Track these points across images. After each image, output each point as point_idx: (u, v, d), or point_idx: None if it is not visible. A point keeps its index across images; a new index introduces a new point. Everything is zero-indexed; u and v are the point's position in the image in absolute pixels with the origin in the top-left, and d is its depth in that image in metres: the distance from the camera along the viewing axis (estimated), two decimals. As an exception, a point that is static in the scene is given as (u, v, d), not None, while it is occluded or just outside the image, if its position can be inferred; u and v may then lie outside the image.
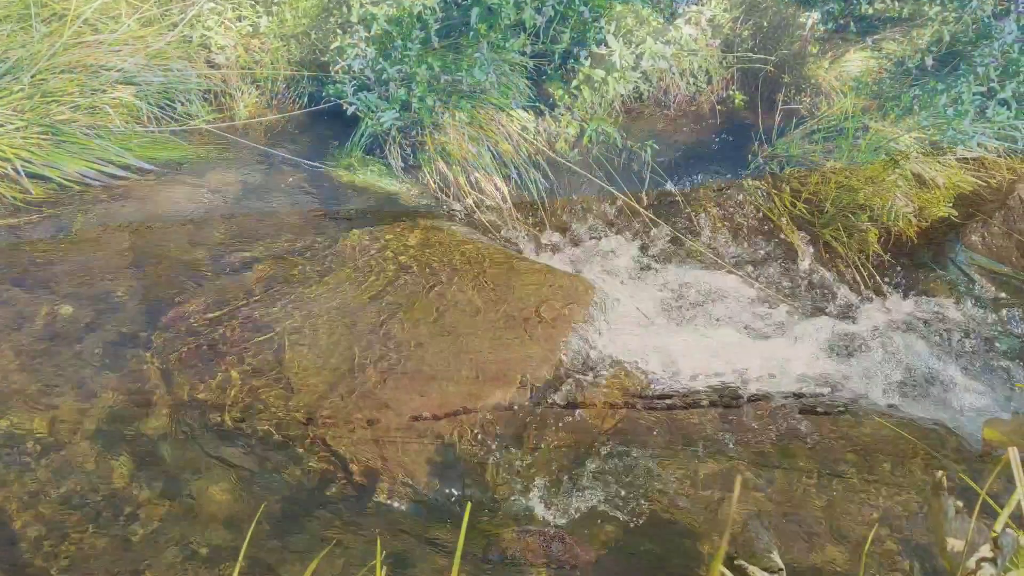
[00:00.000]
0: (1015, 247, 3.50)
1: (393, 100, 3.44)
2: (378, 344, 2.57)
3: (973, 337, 3.20)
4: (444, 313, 2.73)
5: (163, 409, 2.35)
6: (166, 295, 2.71)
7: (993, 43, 3.58)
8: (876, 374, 2.92)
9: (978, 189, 3.70)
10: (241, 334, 2.56)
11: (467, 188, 3.50)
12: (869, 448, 2.45)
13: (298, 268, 2.87)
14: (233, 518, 2.06)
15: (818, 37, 3.89)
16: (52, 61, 3.19)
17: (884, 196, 3.45)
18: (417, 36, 3.36)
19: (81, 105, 3.19)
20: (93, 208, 3.05)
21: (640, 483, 2.29)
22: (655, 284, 3.38)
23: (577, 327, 2.80)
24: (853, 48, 3.97)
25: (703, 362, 2.84)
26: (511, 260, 3.09)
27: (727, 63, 4.09)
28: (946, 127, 3.58)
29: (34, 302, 2.61)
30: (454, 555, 1.10)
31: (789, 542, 2.09)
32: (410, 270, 2.90)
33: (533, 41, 3.66)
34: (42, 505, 2.04)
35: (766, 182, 3.65)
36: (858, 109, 3.63)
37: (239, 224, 3.10)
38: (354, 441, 2.29)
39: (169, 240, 2.98)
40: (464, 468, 2.32)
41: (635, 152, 3.72)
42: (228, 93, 3.73)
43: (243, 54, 3.74)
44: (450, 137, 3.45)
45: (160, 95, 3.52)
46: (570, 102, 3.66)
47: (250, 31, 3.76)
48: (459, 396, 2.46)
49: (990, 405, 2.84)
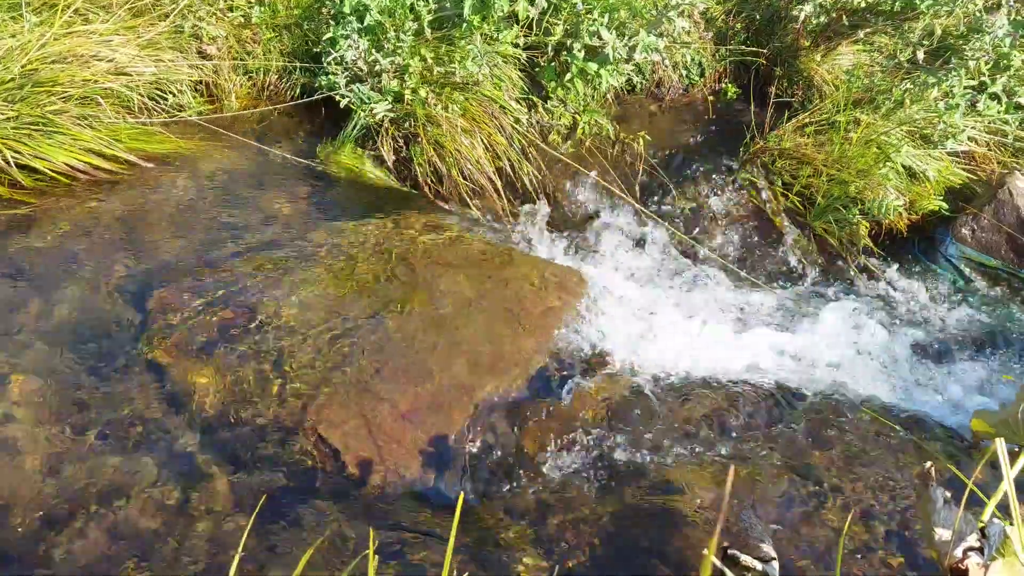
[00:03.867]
0: (1004, 240, 3.52)
1: (386, 92, 3.43)
2: (370, 335, 2.57)
3: (962, 329, 3.22)
4: (437, 304, 2.73)
5: (153, 399, 2.35)
6: (155, 284, 2.70)
7: (984, 37, 3.59)
8: (863, 365, 2.94)
9: (968, 183, 3.73)
10: (231, 324, 2.56)
11: (460, 180, 3.50)
12: (855, 438, 2.47)
13: (289, 259, 2.87)
14: (227, 510, 2.07)
15: (810, 30, 3.90)
16: (43, 51, 3.17)
17: (875, 189, 3.47)
18: (410, 27, 3.35)
19: (72, 95, 3.17)
20: (82, 198, 3.04)
21: (634, 473, 2.31)
22: (648, 275, 3.39)
23: (570, 318, 2.81)
24: (845, 42, 3.98)
25: (695, 352, 2.86)
26: (504, 252, 3.09)
27: (720, 56, 4.09)
28: (937, 121, 3.59)
29: (22, 292, 2.61)
30: (447, 546, 1.11)
31: (777, 532, 2.11)
32: (402, 261, 2.91)
33: (526, 33, 3.66)
34: (32, 496, 2.03)
35: (758, 175, 3.67)
36: (850, 102, 3.64)
37: (229, 214, 3.09)
38: (346, 432, 2.30)
39: (158, 230, 2.97)
40: (457, 459, 2.33)
41: (628, 144, 3.73)
42: (219, 84, 3.71)
43: (235, 45, 3.73)
44: (443, 129, 3.44)
45: (151, 85, 3.50)
46: (563, 94, 3.66)
47: (242, 21, 3.74)
48: (452, 387, 2.47)
49: (978, 396, 2.87)
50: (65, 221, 2.92)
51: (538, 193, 3.60)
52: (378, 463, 2.26)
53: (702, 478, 2.29)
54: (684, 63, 4.05)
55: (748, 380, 2.73)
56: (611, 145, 3.77)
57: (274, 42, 3.76)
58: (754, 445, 2.44)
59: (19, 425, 2.21)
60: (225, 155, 3.42)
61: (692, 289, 3.34)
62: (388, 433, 2.32)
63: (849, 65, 3.98)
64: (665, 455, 2.38)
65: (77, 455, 2.15)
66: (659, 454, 2.39)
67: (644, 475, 2.30)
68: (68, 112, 3.14)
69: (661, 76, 4.06)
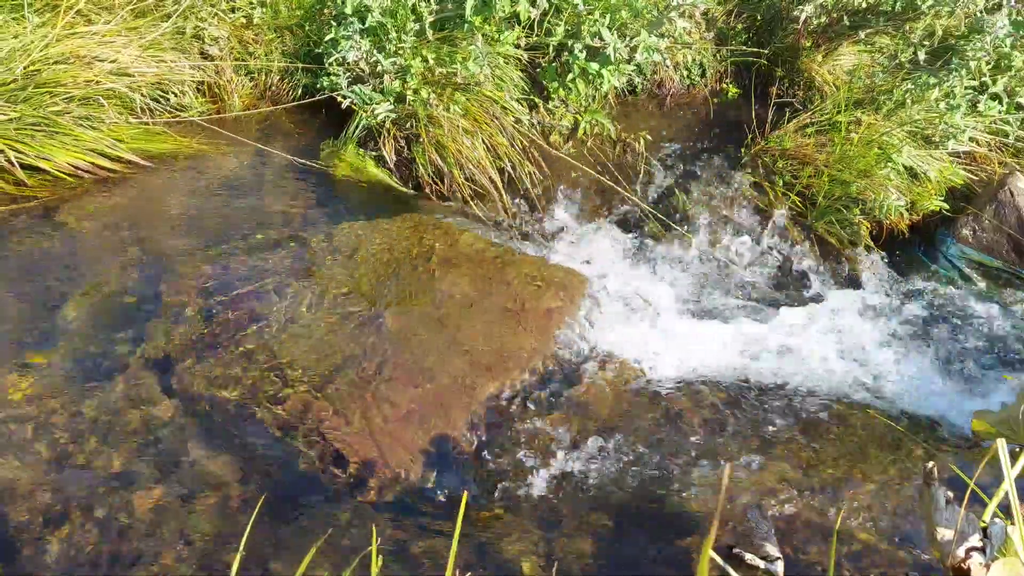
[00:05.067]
0: (1005, 240, 3.53)
1: (387, 92, 3.43)
2: (372, 335, 2.58)
3: (963, 329, 3.23)
4: (438, 305, 2.74)
5: (154, 398, 2.35)
6: (158, 284, 2.71)
7: (985, 37, 3.60)
8: (863, 365, 2.95)
9: (969, 183, 3.73)
10: (234, 324, 2.57)
11: (461, 181, 3.50)
12: (858, 438, 2.47)
13: (290, 259, 2.87)
14: (229, 508, 2.07)
15: (811, 31, 3.90)
16: (45, 52, 3.17)
17: (876, 190, 3.47)
18: (412, 28, 3.36)
19: (74, 96, 3.17)
20: (87, 199, 3.05)
21: (635, 472, 2.31)
22: (649, 275, 3.40)
23: (570, 318, 2.82)
24: (846, 42, 3.98)
25: (695, 351, 2.86)
26: (505, 252, 3.10)
27: (721, 56, 4.09)
28: (938, 121, 3.60)
29: (26, 289, 2.61)
30: (450, 545, 1.12)
31: (779, 531, 2.11)
32: (403, 261, 2.91)
33: (528, 34, 3.66)
34: (32, 495, 2.04)
35: (759, 175, 3.67)
36: (851, 103, 3.65)
37: (231, 214, 3.09)
38: (348, 432, 2.30)
39: (161, 231, 2.98)
40: (459, 459, 2.33)
41: (629, 144, 3.73)
42: (221, 85, 3.72)
43: (237, 46, 3.73)
44: (444, 130, 3.45)
45: (153, 86, 3.50)
46: (564, 95, 3.66)
47: (244, 22, 3.74)
48: (453, 387, 2.47)
49: (979, 396, 2.87)
50: (68, 220, 2.92)
51: (539, 193, 3.61)
52: (379, 463, 2.26)
53: (702, 477, 2.29)
54: (685, 64, 4.06)
55: (748, 379, 2.73)
56: (612, 145, 3.77)
57: (276, 43, 3.77)
58: (754, 444, 2.44)
59: (19, 421, 2.21)
60: (227, 155, 3.42)
61: (692, 289, 3.34)
62: (389, 433, 2.33)
63: (850, 65, 3.98)
64: (666, 454, 2.39)
65: (78, 453, 2.16)
66: (660, 453, 2.39)
67: (645, 474, 2.31)
68: (71, 113, 3.15)
69: (662, 77, 4.06)
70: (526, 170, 3.57)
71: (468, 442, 2.37)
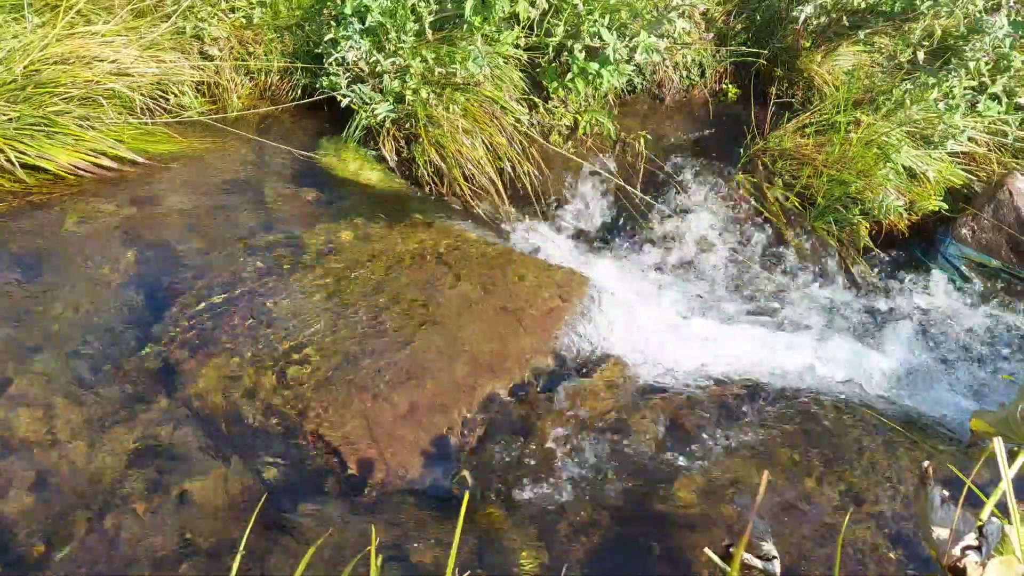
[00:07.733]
0: (1004, 240, 3.53)
1: (387, 92, 3.44)
2: (372, 336, 2.58)
3: (961, 329, 3.23)
4: (438, 305, 2.74)
5: (154, 397, 2.35)
6: (158, 285, 2.71)
7: (984, 38, 3.60)
8: (862, 365, 2.95)
9: (968, 183, 3.73)
10: (233, 324, 2.57)
11: (461, 180, 3.51)
12: (856, 438, 2.48)
13: (290, 259, 2.88)
14: (229, 508, 2.08)
15: (811, 31, 3.91)
16: (45, 52, 3.17)
17: (875, 190, 3.48)
18: (411, 28, 3.36)
19: (74, 96, 3.18)
20: (87, 198, 3.05)
21: (635, 472, 2.32)
22: (648, 276, 3.40)
23: (571, 319, 2.82)
24: (845, 42, 3.98)
25: (695, 350, 2.87)
26: (505, 252, 3.10)
27: (720, 56, 4.10)
28: (937, 121, 3.60)
29: (28, 288, 2.61)
30: (450, 546, 1.12)
31: (776, 530, 2.12)
32: (403, 262, 2.91)
33: (527, 34, 3.66)
34: (32, 495, 2.04)
35: (758, 175, 3.67)
36: (850, 103, 3.65)
37: (230, 214, 3.10)
38: (348, 432, 2.31)
39: (162, 231, 2.98)
40: (459, 459, 2.33)
41: (629, 143, 3.73)
42: (221, 84, 3.72)
43: (237, 46, 3.73)
44: (444, 130, 3.45)
45: (153, 86, 3.51)
46: (564, 95, 3.67)
47: (243, 22, 3.75)
48: (453, 388, 2.48)
49: (977, 396, 2.87)
50: (69, 220, 2.93)
51: (539, 193, 3.61)
52: (379, 463, 2.27)
53: (703, 477, 2.30)
54: (685, 64, 4.06)
55: (747, 378, 2.74)
56: (612, 145, 3.78)
57: (276, 43, 3.77)
58: (752, 443, 2.45)
59: (21, 421, 2.21)
60: (227, 155, 3.43)
61: (692, 289, 3.34)
62: (389, 433, 2.33)
63: (849, 66, 3.99)
64: (666, 454, 2.39)
65: (78, 453, 2.16)
66: (660, 453, 2.39)
67: (645, 474, 2.31)
68: (70, 113, 3.15)
69: (662, 77, 4.06)
70: (526, 170, 3.57)
71: (468, 442, 2.37)
